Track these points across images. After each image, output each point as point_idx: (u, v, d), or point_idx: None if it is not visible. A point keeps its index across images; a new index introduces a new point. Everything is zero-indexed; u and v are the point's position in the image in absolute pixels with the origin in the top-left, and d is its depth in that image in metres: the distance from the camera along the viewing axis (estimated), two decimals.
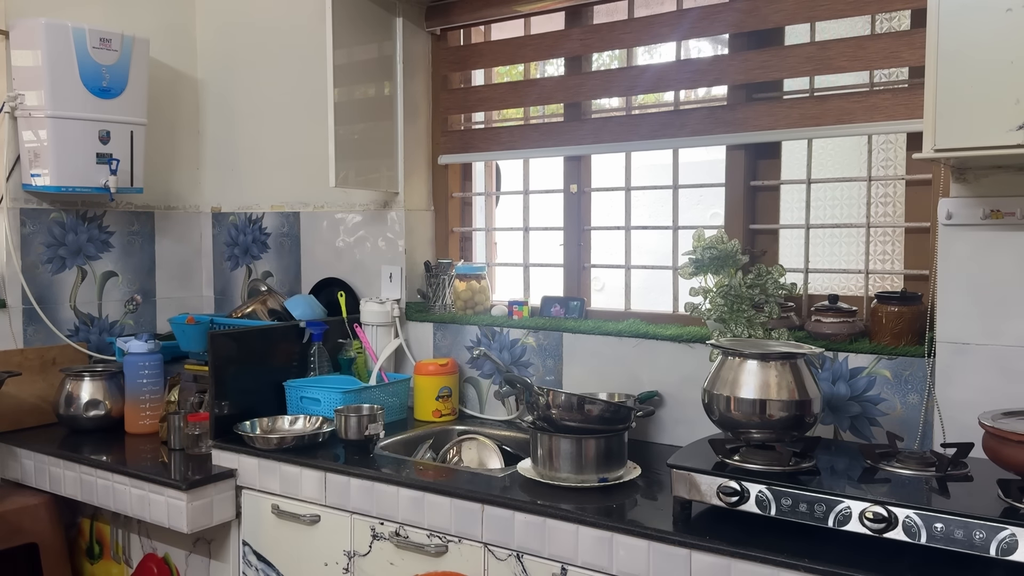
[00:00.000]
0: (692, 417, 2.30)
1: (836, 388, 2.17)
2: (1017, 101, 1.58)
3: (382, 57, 2.92)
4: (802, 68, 2.31)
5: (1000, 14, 1.59)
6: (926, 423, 2.04)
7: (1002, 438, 1.59)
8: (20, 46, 2.81)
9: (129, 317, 3.24)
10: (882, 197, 2.32)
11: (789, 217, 2.46)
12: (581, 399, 2.09)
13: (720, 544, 1.68)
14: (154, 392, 2.79)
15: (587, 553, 1.85)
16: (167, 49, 3.32)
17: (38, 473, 2.68)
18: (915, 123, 2.06)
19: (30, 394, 2.88)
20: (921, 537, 1.54)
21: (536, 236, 2.99)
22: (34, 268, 2.94)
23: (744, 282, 2.23)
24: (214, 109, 3.45)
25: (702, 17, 2.47)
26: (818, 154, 2.40)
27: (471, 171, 3.14)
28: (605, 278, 2.90)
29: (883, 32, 2.26)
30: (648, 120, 2.65)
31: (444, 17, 2.96)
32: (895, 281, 2.31)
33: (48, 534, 2.72)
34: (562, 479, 2.05)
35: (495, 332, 2.78)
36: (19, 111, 2.82)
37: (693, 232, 2.33)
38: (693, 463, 1.82)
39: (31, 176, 2.85)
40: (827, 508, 1.63)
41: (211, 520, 2.39)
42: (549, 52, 2.81)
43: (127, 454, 2.61)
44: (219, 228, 3.46)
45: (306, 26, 3.08)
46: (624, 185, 2.76)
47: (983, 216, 1.91)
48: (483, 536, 2.01)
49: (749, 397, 1.84)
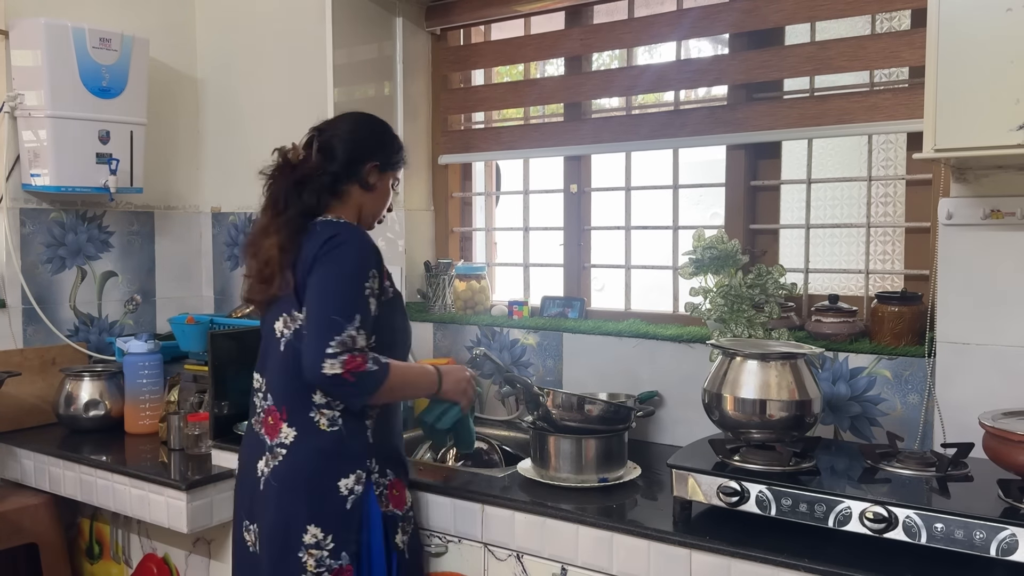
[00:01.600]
0: (692, 417, 2.29)
1: (836, 388, 2.17)
2: (1017, 101, 1.58)
3: (382, 57, 2.92)
4: (802, 68, 2.31)
5: (1000, 14, 1.59)
6: (926, 423, 2.04)
7: (1002, 438, 1.59)
8: (20, 46, 2.81)
9: (129, 317, 3.24)
10: (882, 197, 2.32)
11: (789, 217, 2.46)
12: (581, 399, 2.09)
13: (720, 544, 1.68)
14: (154, 392, 2.78)
15: (587, 553, 1.85)
16: (167, 49, 3.31)
17: (38, 473, 2.68)
18: (915, 123, 2.06)
19: (30, 394, 2.88)
20: (921, 537, 1.54)
21: (536, 236, 2.99)
22: (34, 268, 2.94)
23: (744, 282, 2.23)
24: (214, 109, 3.45)
25: (702, 17, 2.47)
26: (818, 154, 2.40)
27: (471, 171, 3.14)
28: (605, 278, 2.90)
29: (883, 32, 2.26)
30: (648, 120, 2.66)
31: (444, 17, 2.96)
32: (895, 281, 2.31)
33: (48, 534, 2.72)
34: (562, 479, 2.05)
35: (495, 332, 2.78)
36: (19, 111, 2.82)
37: (693, 232, 2.33)
38: (693, 463, 1.82)
39: (31, 176, 2.85)
40: (827, 508, 1.63)
41: (211, 520, 2.39)
42: (549, 52, 2.81)
43: (127, 454, 2.61)
44: (219, 228, 3.46)
45: (306, 26, 3.07)
46: (624, 185, 2.76)
47: (983, 216, 1.91)
48: (483, 536, 2.00)
49: (749, 397, 1.84)
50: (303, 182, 1.92)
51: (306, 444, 1.87)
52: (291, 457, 1.87)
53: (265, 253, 1.89)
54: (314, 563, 1.83)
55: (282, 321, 1.90)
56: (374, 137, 2.03)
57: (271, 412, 1.91)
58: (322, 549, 1.83)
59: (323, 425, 1.87)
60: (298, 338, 1.86)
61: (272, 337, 1.93)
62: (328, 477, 1.86)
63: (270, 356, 1.94)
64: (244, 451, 2.00)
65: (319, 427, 1.87)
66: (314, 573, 1.83)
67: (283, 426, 1.88)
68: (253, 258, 1.94)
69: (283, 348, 1.90)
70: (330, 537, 1.84)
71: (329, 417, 1.87)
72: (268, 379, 1.94)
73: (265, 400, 1.93)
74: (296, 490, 1.86)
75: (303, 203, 1.92)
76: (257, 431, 1.94)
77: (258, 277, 1.92)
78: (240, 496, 2.00)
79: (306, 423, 1.87)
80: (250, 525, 1.94)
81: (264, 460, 1.90)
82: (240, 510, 1.99)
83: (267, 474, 1.89)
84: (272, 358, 1.93)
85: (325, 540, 1.84)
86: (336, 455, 1.87)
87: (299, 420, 1.88)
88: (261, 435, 1.93)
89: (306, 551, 1.83)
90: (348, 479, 1.86)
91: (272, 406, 1.91)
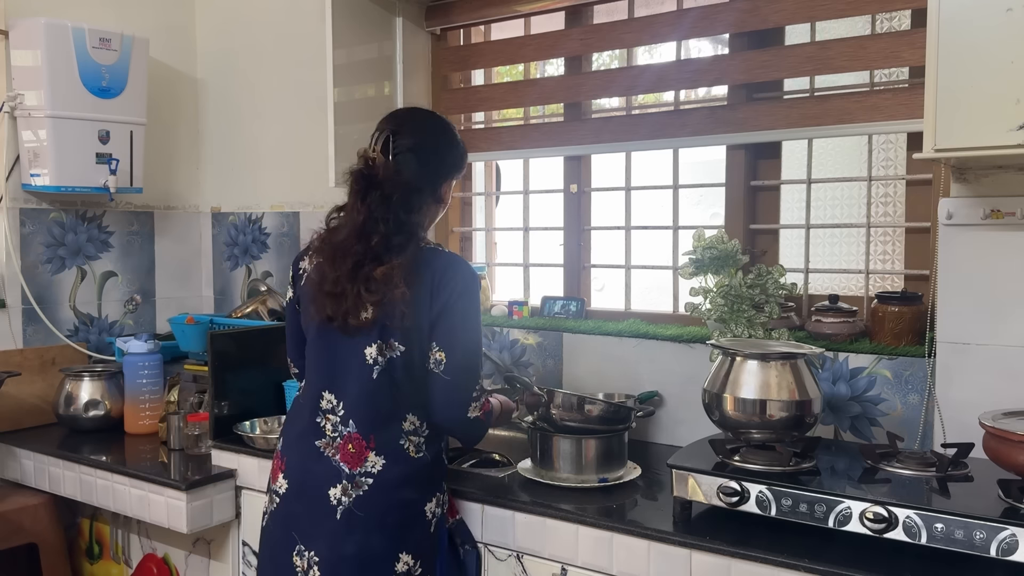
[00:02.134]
0: (692, 417, 2.29)
1: (836, 388, 2.17)
2: (1017, 101, 1.58)
3: (382, 57, 2.92)
4: (802, 68, 2.31)
5: (1000, 14, 1.59)
6: (926, 423, 2.04)
7: (1003, 438, 1.59)
8: (20, 46, 2.81)
9: (129, 317, 3.24)
10: (882, 197, 2.32)
11: (789, 217, 2.46)
12: (581, 399, 2.09)
13: (720, 544, 1.67)
14: (154, 392, 2.78)
15: (587, 553, 1.84)
16: (167, 49, 3.31)
17: (38, 473, 2.68)
18: (915, 123, 2.06)
19: (30, 394, 2.88)
20: (921, 537, 1.54)
21: (536, 236, 2.99)
22: (34, 268, 2.94)
23: (744, 282, 2.22)
24: (214, 109, 3.45)
25: (702, 17, 2.47)
26: (818, 154, 2.40)
27: (471, 171, 3.14)
28: (605, 278, 2.89)
29: (883, 32, 2.26)
30: (648, 120, 2.65)
31: (444, 17, 2.95)
32: (895, 281, 2.31)
33: (48, 534, 2.72)
34: (562, 479, 2.05)
35: (495, 332, 2.78)
36: (19, 111, 2.82)
37: (693, 232, 2.33)
38: (693, 463, 1.81)
39: (31, 176, 2.85)
40: (827, 508, 1.63)
41: (211, 520, 2.39)
42: (549, 52, 2.81)
43: (127, 454, 2.61)
44: (219, 228, 3.46)
45: (306, 26, 3.07)
46: (624, 185, 2.76)
47: (983, 216, 1.91)
48: (483, 536, 2.00)
49: (749, 397, 1.84)
50: (391, 195, 1.81)
51: (396, 473, 1.81)
52: (380, 486, 1.81)
53: (382, 281, 1.77)
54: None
55: (376, 348, 1.80)
56: (456, 150, 1.98)
57: (354, 440, 1.81)
58: (412, 575, 1.83)
59: (411, 452, 1.83)
60: (394, 368, 1.81)
61: (358, 361, 1.82)
62: (418, 504, 1.84)
63: (352, 380, 1.83)
64: (303, 472, 1.86)
65: (408, 455, 1.83)
66: None
67: (370, 455, 1.81)
68: (360, 283, 1.78)
69: (376, 376, 1.81)
70: (419, 563, 1.83)
71: (416, 444, 1.84)
72: (349, 404, 1.83)
73: (345, 426, 1.82)
74: (386, 519, 1.81)
75: (401, 222, 1.81)
76: (329, 456, 1.82)
77: (370, 301, 1.79)
78: (294, 520, 1.85)
79: (396, 451, 1.82)
80: (306, 552, 1.82)
81: (340, 488, 1.81)
82: (292, 533, 1.85)
83: (348, 504, 1.80)
84: (357, 383, 1.82)
85: (415, 566, 1.83)
86: (425, 481, 1.86)
87: (388, 449, 1.82)
88: (336, 462, 1.82)
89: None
90: (431, 503, 1.87)
91: (356, 434, 1.81)
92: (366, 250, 1.78)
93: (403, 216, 1.82)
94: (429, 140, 1.92)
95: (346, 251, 1.79)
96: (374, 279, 1.77)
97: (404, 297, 1.76)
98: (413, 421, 1.84)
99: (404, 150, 1.86)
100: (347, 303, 1.79)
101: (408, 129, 1.90)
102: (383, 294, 1.76)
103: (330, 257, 1.82)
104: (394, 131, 1.88)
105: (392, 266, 1.77)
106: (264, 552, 1.92)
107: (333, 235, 1.84)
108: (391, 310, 1.77)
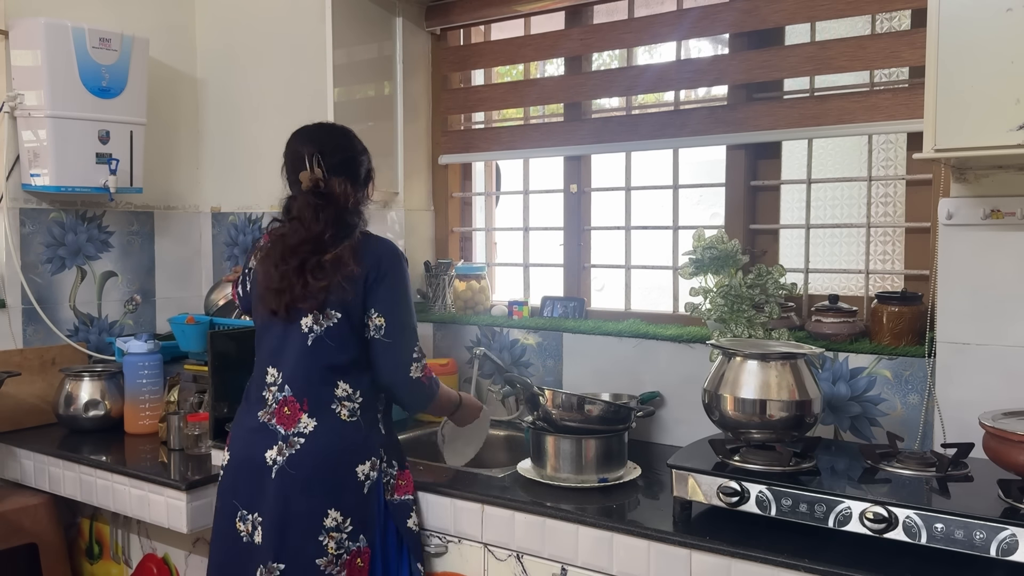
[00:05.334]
0: (692, 417, 2.29)
1: (836, 388, 2.17)
2: (1017, 101, 1.58)
3: (382, 57, 2.92)
4: (802, 68, 2.31)
5: (1000, 14, 1.59)
6: (926, 423, 2.04)
7: (1002, 438, 1.59)
8: (20, 46, 2.81)
9: (129, 317, 3.24)
10: (882, 197, 2.32)
11: (789, 217, 2.46)
12: (581, 399, 2.09)
13: (720, 544, 1.68)
14: (154, 392, 2.78)
15: (587, 553, 1.84)
16: (167, 49, 3.31)
17: (38, 473, 2.68)
18: (915, 123, 2.06)
19: (30, 394, 2.88)
20: (921, 537, 1.54)
21: (536, 236, 2.99)
22: (34, 268, 2.94)
23: (744, 282, 2.22)
24: (214, 109, 3.44)
25: (702, 17, 2.47)
26: (818, 154, 2.40)
27: (471, 171, 3.14)
28: (605, 278, 2.90)
29: (883, 32, 2.26)
30: (648, 120, 2.65)
31: (444, 17, 2.95)
32: (895, 281, 2.31)
33: (48, 534, 2.72)
34: (562, 479, 2.05)
35: (495, 332, 2.78)
36: (19, 111, 2.82)
37: (693, 232, 2.33)
38: (693, 463, 1.82)
39: (31, 176, 2.85)
40: (827, 508, 1.63)
41: (211, 520, 2.37)
42: (549, 52, 2.81)
43: (127, 454, 2.61)
44: (219, 228, 3.46)
45: (306, 26, 3.07)
46: (624, 185, 2.76)
47: (983, 216, 1.91)
48: (483, 536, 2.00)
49: (749, 397, 1.84)
50: (343, 210, 2.01)
51: (326, 433, 1.96)
52: (311, 445, 1.95)
53: (332, 264, 1.96)
54: (335, 545, 1.94)
55: (312, 317, 1.97)
56: (367, 152, 2.14)
57: (288, 403, 1.98)
58: (342, 532, 1.94)
59: (344, 416, 1.98)
60: (329, 335, 1.97)
61: (296, 333, 1.99)
62: (347, 464, 1.97)
63: (289, 350, 2.00)
64: (243, 442, 2.04)
65: (340, 417, 1.98)
66: (335, 555, 1.94)
67: (303, 416, 1.97)
68: (308, 273, 1.96)
69: (311, 343, 1.98)
70: (349, 520, 1.95)
71: (349, 409, 1.99)
72: (287, 372, 1.99)
73: (281, 392, 1.99)
74: (316, 476, 1.94)
75: (350, 226, 2.02)
76: (265, 422, 1.99)
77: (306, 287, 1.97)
78: (235, 487, 2.02)
79: (327, 414, 1.97)
80: (248, 515, 1.99)
81: (276, 449, 1.96)
82: (233, 501, 2.02)
83: (281, 463, 1.95)
84: (293, 352, 1.99)
85: (345, 523, 1.95)
86: (354, 443, 1.98)
87: (321, 411, 1.97)
88: (272, 425, 1.98)
89: (327, 534, 1.93)
90: (364, 465, 1.98)
91: (291, 397, 1.98)
92: (314, 249, 1.97)
93: (353, 221, 2.03)
94: (349, 152, 2.09)
95: (296, 252, 1.97)
96: (321, 267, 1.95)
97: (353, 274, 1.95)
98: (345, 388, 1.99)
99: (336, 166, 2.03)
100: (292, 295, 1.96)
101: (330, 148, 2.05)
102: (330, 278, 1.95)
103: (280, 257, 1.99)
104: (320, 151, 2.02)
105: (342, 248, 1.96)
106: (214, 525, 2.09)
107: (285, 239, 2.00)
108: (336, 287, 1.95)
